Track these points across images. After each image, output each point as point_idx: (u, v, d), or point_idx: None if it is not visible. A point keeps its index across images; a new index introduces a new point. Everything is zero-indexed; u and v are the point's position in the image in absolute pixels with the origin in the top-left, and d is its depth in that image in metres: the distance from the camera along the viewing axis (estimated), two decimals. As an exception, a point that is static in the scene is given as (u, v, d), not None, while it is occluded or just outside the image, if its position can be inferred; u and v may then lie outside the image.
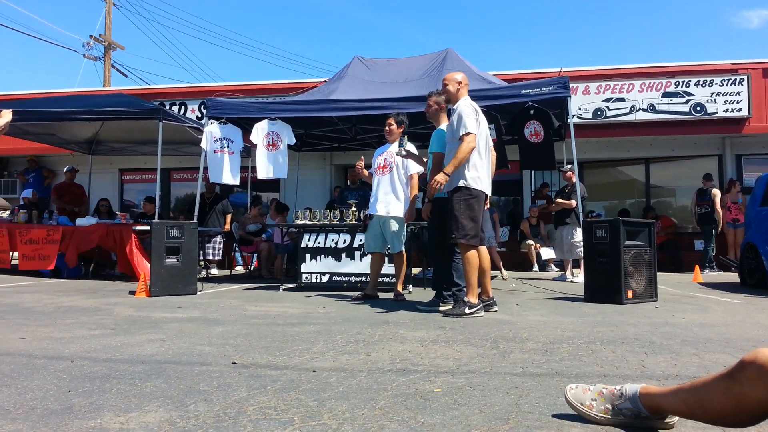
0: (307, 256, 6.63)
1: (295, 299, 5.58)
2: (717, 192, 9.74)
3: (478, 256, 4.43)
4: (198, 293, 6.09)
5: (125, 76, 30.90)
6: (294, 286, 6.66)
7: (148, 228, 6.85)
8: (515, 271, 9.76)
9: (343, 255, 6.55)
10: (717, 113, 10.07)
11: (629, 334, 3.58)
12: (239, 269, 10.34)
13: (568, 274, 8.22)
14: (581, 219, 7.02)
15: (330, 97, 7.07)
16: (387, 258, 6.04)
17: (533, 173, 11.42)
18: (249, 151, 8.44)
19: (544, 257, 10.06)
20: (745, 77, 10.02)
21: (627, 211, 10.73)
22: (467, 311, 4.30)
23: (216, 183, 8.22)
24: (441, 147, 4.83)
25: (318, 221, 6.59)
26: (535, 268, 10.06)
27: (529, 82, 7.16)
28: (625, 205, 11.37)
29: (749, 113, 9.98)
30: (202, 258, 8.29)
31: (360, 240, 6.40)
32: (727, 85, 10.07)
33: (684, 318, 4.34)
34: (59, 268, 8.04)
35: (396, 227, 5.53)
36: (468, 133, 4.33)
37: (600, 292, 5.45)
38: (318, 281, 6.60)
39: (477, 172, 4.43)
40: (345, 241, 6.55)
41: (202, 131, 7.41)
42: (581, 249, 6.68)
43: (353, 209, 6.47)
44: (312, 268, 6.62)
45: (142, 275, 6.14)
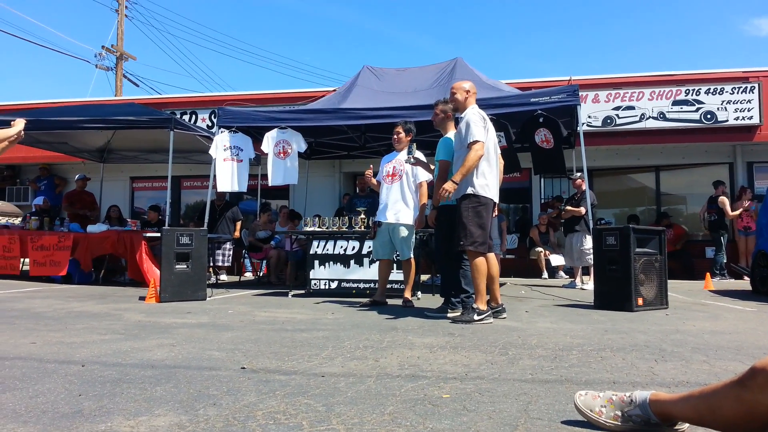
0: (316, 262, 6.64)
1: (304, 305, 5.60)
2: (724, 199, 9.70)
3: (486, 263, 4.43)
4: (207, 299, 6.12)
5: (137, 85, 31.07)
6: (303, 292, 6.67)
7: (158, 234, 6.90)
8: (524, 278, 9.73)
9: (352, 261, 6.55)
10: (728, 121, 9.99)
11: (639, 341, 3.56)
12: (248, 275, 10.37)
13: (577, 281, 8.17)
14: (591, 226, 6.99)
15: (339, 107, 7.12)
16: (395, 264, 6.05)
17: (542, 181, 11.40)
18: (259, 159, 8.50)
19: (553, 264, 10.03)
20: (756, 85, 9.94)
21: (636, 217, 10.62)
22: (476, 318, 4.29)
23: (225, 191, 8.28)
24: (447, 155, 4.85)
25: (327, 228, 6.62)
26: (545, 275, 10.03)
27: (539, 90, 7.16)
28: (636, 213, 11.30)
29: (760, 121, 9.90)
30: (211, 264, 8.33)
31: (369, 246, 6.41)
32: (738, 93, 9.99)
33: (695, 325, 4.31)
34: (70, 274, 8.11)
35: (405, 234, 5.54)
36: (476, 141, 4.35)
37: (610, 299, 5.42)
38: (327, 288, 6.61)
39: (485, 179, 4.44)
40: (354, 248, 6.56)
41: (212, 140, 7.48)
42: (591, 256, 6.65)
43: (362, 216, 6.51)
44: (321, 274, 6.64)
45: (152, 281, 6.19)
